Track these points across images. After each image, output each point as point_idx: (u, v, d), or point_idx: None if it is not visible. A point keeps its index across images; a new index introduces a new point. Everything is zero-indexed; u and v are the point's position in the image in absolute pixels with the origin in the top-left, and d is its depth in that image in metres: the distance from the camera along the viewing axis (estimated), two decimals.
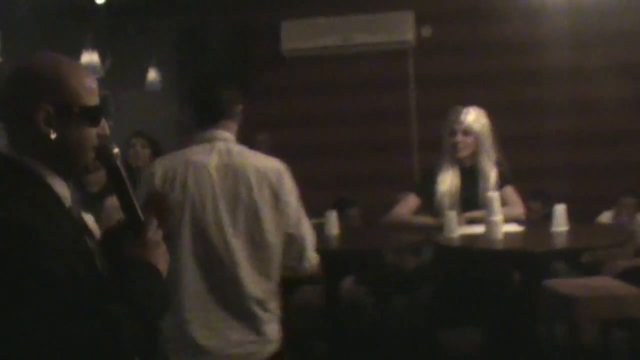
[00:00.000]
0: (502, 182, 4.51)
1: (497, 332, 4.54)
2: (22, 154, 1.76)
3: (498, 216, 4.14)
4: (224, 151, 2.97)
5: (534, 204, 5.99)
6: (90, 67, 7.02)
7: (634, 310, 4.82)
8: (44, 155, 1.76)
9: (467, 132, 4.50)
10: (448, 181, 4.54)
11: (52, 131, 1.74)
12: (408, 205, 4.67)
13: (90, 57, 7.03)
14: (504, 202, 4.42)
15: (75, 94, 1.78)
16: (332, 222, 4.55)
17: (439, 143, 4.83)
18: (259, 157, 3.06)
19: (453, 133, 4.54)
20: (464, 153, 4.54)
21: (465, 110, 4.55)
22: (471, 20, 7.74)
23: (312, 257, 3.09)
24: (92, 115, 1.81)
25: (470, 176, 4.54)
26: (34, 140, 1.75)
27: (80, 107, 1.78)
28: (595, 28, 7.46)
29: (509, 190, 4.52)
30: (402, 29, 7.77)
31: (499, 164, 4.55)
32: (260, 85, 7.73)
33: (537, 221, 5.51)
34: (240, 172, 2.94)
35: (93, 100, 1.82)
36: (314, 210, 5.47)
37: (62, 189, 1.80)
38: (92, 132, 1.82)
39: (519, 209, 4.54)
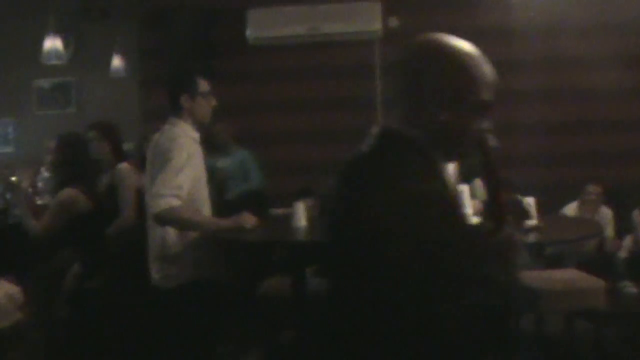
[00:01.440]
0: (471, 173, 4.43)
1: None
2: (412, 129, 1.83)
3: (468, 209, 4.08)
4: None
5: None
6: (53, 53, 6.84)
7: (597, 301, 4.82)
8: (432, 134, 1.83)
9: None
10: None
11: (444, 113, 1.81)
12: None
13: (53, 43, 6.83)
14: (475, 195, 4.35)
15: (474, 85, 1.85)
16: (300, 214, 4.43)
17: None
18: None
19: None
20: None
21: None
22: (438, 11, 7.70)
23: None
24: (484, 108, 1.88)
25: None
26: (426, 119, 1.83)
27: (475, 97, 1.85)
28: (566, 16, 7.46)
29: (478, 182, 4.45)
30: (369, 19, 7.67)
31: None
32: (225, 72, 7.59)
33: None
34: None
35: (488, 94, 1.88)
36: (280, 196, 5.38)
37: (445, 166, 1.91)
38: (479, 123, 1.88)
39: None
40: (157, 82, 7.87)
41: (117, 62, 7.70)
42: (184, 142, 3.82)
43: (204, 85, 4.04)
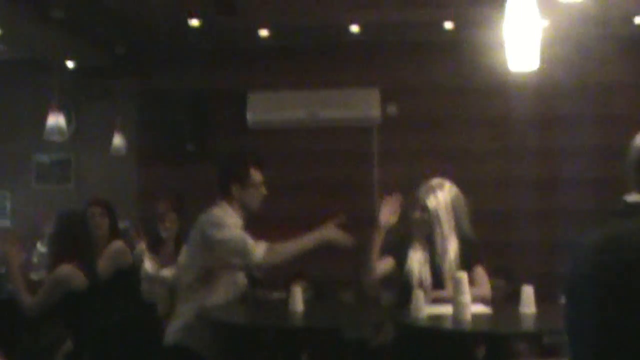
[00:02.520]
0: (473, 261, 4.37)
1: None
2: None
3: (466, 297, 4.00)
4: None
5: (497, 281, 5.88)
6: (55, 129, 6.85)
7: None
8: None
9: (424, 209, 4.38)
10: (417, 257, 4.41)
11: None
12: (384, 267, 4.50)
13: (56, 120, 6.83)
14: (473, 282, 4.28)
15: None
16: (297, 298, 4.35)
17: (400, 219, 4.72)
18: None
19: (414, 209, 4.44)
20: (422, 228, 4.42)
21: (424, 187, 4.44)
22: (435, 99, 7.80)
23: None
24: None
25: (436, 251, 4.41)
26: None
27: None
28: (558, 107, 7.56)
29: (479, 271, 4.39)
30: (367, 106, 7.76)
31: (467, 242, 4.40)
32: (225, 153, 7.60)
33: (501, 299, 5.38)
34: None
35: None
36: (274, 280, 5.30)
37: None
38: None
39: (486, 290, 4.41)
40: (156, 160, 7.92)
41: (117, 140, 7.71)
42: (228, 221, 4.11)
43: (256, 175, 4.25)
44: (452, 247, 4.38)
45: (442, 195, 4.40)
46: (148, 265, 5.54)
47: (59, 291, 4.44)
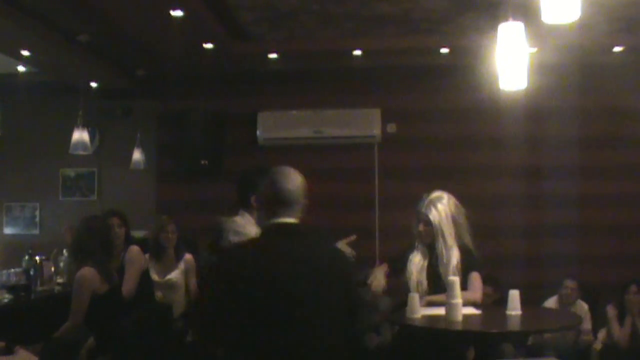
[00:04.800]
0: (469, 267, 4.46)
1: None
2: None
3: (458, 299, 4.10)
4: None
5: (486, 288, 5.97)
6: (80, 144, 6.97)
7: None
8: None
9: (427, 222, 4.49)
10: (416, 261, 4.51)
11: None
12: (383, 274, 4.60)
13: (80, 135, 6.97)
14: (467, 286, 4.37)
15: None
16: None
17: (400, 231, 4.85)
18: None
19: (417, 222, 4.54)
20: (426, 240, 4.52)
21: (426, 201, 4.53)
22: (432, 119, 7.92)
23: None
24: None
25: (436, 258, 4.51)
26: None
27: None
28: (549, 128, 7.65)
29: (474, 276, 4.49)
30: (369, 125, 7.86)
31: (466, 250, 4.50)
32: (237, 170, 7.67)
33: (489, 305, 5.49)
34: None
35: None
36: None
37: None
38: None
39: (477, 294, 4.50)
40: (173, 176, 8.04)
41: (137, 155, 7.83)
42: (250, 230, 4.08)
43: None
44: (454, 256, 4.46)
45: (442, 208, 4.49)
46: (153, 274, 5.74)
47: (85, 292, 4.51)
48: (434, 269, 4.50)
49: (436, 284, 4.45)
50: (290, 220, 2.87)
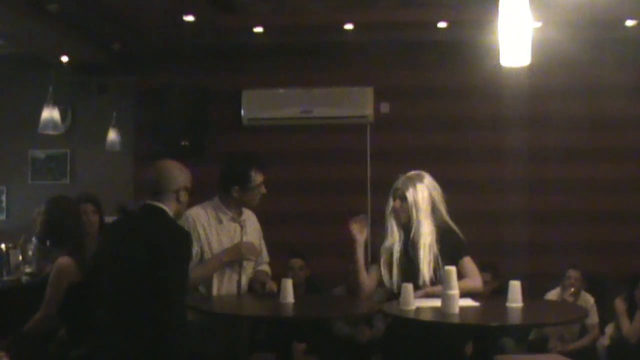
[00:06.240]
0: (459, 253, 4.40)
1: None
2: None
3: (455, 290, 4.04)
4: None
5: (484, 276, 5.93)
6: (50, 123, 6.88)
7: None
8: None
9: (402, 197, 4.43)
10: (391, 241, 4.45)
11: None
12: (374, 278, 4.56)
13: (50, 114, 6.87)
14: (462, 274, 4.31)
15: None
16: (288, 290, 4.40)
17: None
18: None
19: (392, 199, 4.49)
20: (401, 219, 4.45)
21: (402, 177, 4.49)
22: (429, 98, 7.86)
23: None
24: None
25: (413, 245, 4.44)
26: None
27: None
28: (551, 108, 7.61)
29: (467, 261, 4.42)
30: (361, 105, 7.81)
31: (449, 232, 4.43)
32: (219, 151, 7.63)
33: (489, 294, 5.43)
34: None
35: None
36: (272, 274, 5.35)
37: None
38: None
39: (477, 280, 4.43)
40: (151, 158, 7.95)
41: (113, 135, 7.75)
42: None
43: (257, 178, 4.37)
44: (426, 231, 4.40)
45: (420, 187, 4.44)
46: None
47: (63, 283, 4.45)
48: (407, 255, 4.43)
49: (408, 270, 4.38)
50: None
